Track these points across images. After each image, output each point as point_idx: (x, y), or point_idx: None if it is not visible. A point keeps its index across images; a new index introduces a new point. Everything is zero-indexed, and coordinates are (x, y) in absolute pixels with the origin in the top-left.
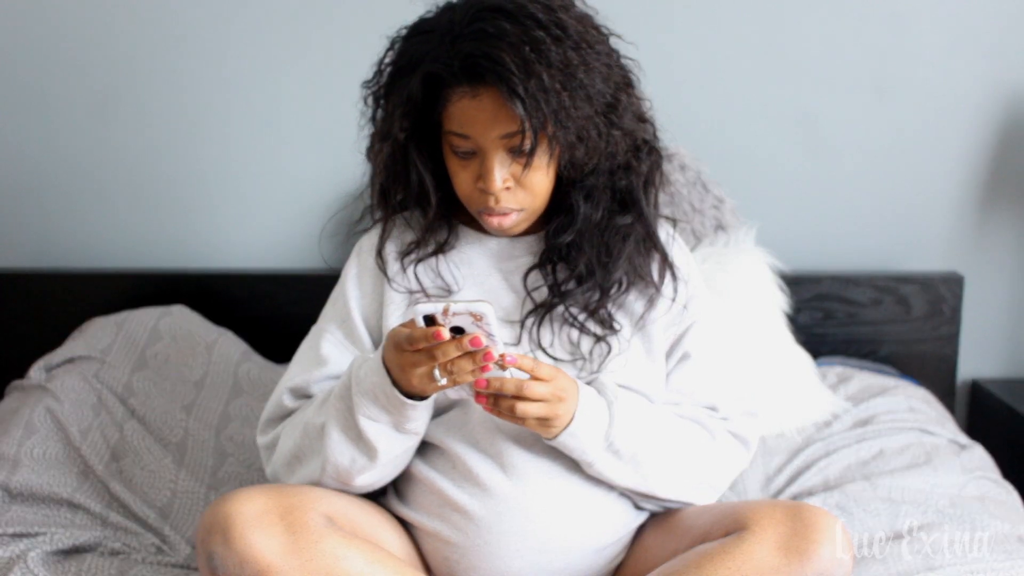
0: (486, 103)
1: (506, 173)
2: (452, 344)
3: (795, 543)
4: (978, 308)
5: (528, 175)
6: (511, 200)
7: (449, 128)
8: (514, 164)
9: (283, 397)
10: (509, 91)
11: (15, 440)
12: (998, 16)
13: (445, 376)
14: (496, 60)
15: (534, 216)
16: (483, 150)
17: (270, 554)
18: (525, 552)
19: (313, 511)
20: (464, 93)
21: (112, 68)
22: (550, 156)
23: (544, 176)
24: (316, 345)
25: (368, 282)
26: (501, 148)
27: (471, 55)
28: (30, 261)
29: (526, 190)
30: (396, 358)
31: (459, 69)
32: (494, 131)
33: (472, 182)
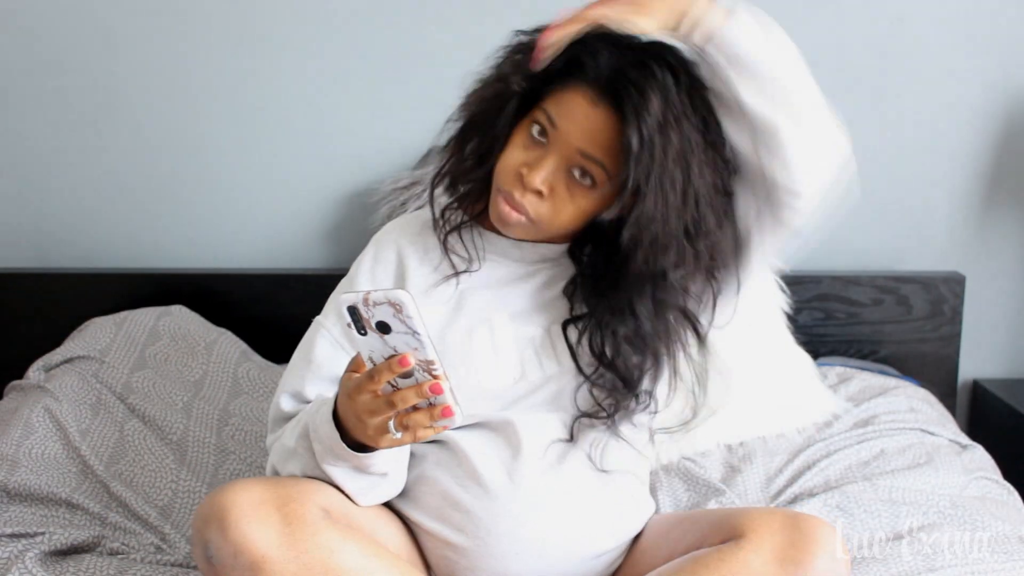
0: (596, 117)
1: (551, 180)
2: (412, 391)
3: (791, 553)
4: (979, 308)
5: (564, 198)
6: (534, 205)
7: (547, 108)
8: (562, 180)
9: (280, 401)
10: (636, 127)
11: (14, 440)
12: (998, 16)
13: (400, 430)
14: (644, 95)
15: (539, 234)
16: (554, 147)
17: (265, 544)
18: (524, 555)
19: (310, 503)
20: (586, 94)
21: (112, 68)
22: (599, 200)
23: (576, 210)
24: (311, 346)
25: (384, 275)
26: (567, 159)
27: (625, 75)
28: (30, 261)
29: (553, 208)
30: (350, 407)
31: (605, 76)
32: (581, 141)
33: (519, 163)
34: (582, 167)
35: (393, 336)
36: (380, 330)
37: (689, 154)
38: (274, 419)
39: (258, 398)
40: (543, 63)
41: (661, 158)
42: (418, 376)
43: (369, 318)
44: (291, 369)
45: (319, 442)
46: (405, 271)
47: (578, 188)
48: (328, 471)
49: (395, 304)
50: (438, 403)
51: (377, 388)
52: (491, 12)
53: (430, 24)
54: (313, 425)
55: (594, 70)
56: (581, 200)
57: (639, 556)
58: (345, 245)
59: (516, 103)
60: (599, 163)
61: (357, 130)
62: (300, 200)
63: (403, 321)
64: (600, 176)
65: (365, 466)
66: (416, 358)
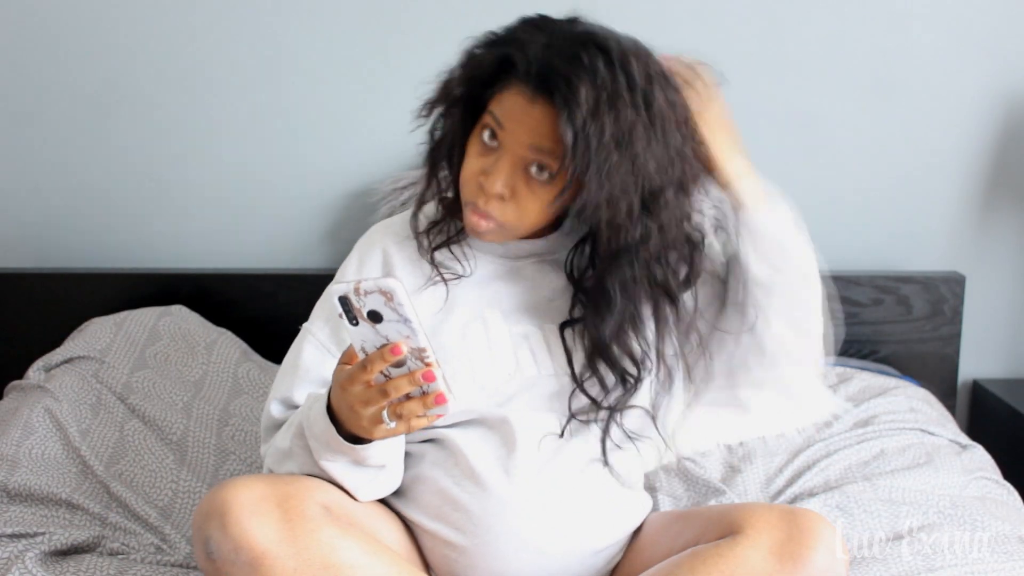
0: (536, 112)
1: (510, 182)
2: (404, 379)
3: (789, 548)
4: (979, 308)
5: (526, 196)
6: (498, 210)
7: (492, 110)
8: (521, 179)
9: (271, 409)
10: (568, 118)
11: (13, 440)
12: (998, 16)
13: (394, 419)
14: (571, 86)
15: (513, 235)
16: (505, 148)
17: (266, 540)
18: (523, 553)
19: (311, 500)
20: (523, 91)
21: (112, 68)
22: (559, 193)
23: (541, 206)
24: (298, 352)
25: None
26: (520, 158)
27: (553, 68)
28: (30, 261)
29: (519, 208)
30: (343, 398)
31: (535, 71)
32: (528, 138)
33: (478, 172)
34: (536, 162)
35: (385, 325)
36: (372, 319)
37: (632, 132)
38: (266, 427)
39: (258, 398)
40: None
41: (597, 145)
42: (410, 364)
43: (360, 307)
44: (280, 377)
45: (315, 438)
46: (391, 272)
47: (536, 183)
48: (326, 467)
49: (385, 292)
50: (431, 391)
51: (370, 378)
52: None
53: (431, 24)
54: (307, 422)
55: (525, 65)
56: (543, 193)
57: (638, 552)
58: (345, 245)
59: (461, 111)
60: (551, 153)
61: (357, 130)
62: (300, 200)
63: (394, 309)
64: (555, 167)
65: (362, 458)
66: (408, 346)
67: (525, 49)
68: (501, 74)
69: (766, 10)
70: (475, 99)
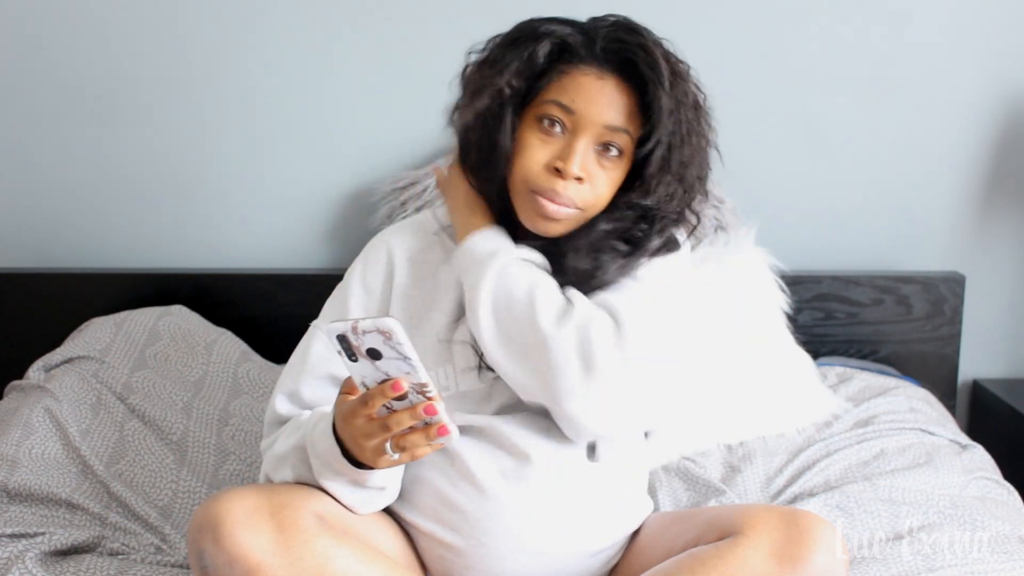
0: (608, 88)
1: (585, 163)
2: (406, 414)
3: (789, 550)
4: (979, 308)
5: (599, 176)
6: (577, 194)
7: (554, 98)
8: (594, 159)
9: (276, 403)
10: (659, 84)
11: (13, 440)
12: (998, 16)
13: (398, 451)
14: (650, 53)
15: (581, 223)
16: (578, 131)
17: (259, 552)
18: (520, 554)
19: (304, 510)
20: (590, 71)
21: (112, 68)
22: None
23: (611, 183)
24: (307, 346)
25: (375, 281)
26: (595, 137)
27: (621, 40)
28: (30, 261)
29: (594, 189)
30: (345, 430)
31: (600, 48)
32: (603, 117)
33: (546, 159)
34: (608, 141)
35: (385, 362)
36: (371, 356)
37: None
38: (269, 423)
39: (258, 398)
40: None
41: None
42: (412, 398)
43: (359, 345)
44: (286, 371)
45: (317, 457)
46: (393, 269)
47: (608, 162)
48: (325, 485)
49: (384, 332)
50: (434, 422)
51: (371, 412)
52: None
53: (431, 23)
54: (311, 440)
55: (587, 47)
56: (613, 172)
57: (637, 553)
58: (345, 245)
59: (513, 107)
60: (624, 131)
61: (357, 130)
62: (300, 200)
63: (393, 348)
64: (627, 144)
65: (363, 481)
66: (409, 382)
67: (573, 34)
68: (553, 63)
69: (766, 11)
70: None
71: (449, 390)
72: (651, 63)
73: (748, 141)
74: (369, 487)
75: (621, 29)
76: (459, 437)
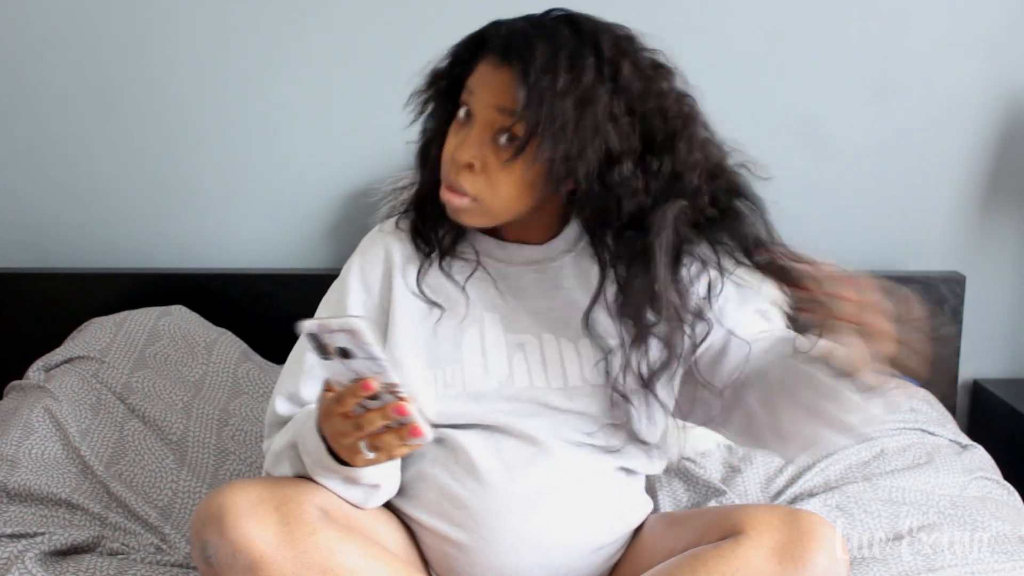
0: (502, 76)
1: (479, 153)
2: (377, 413)
3: (791, 550)
4: (979, 308)
5: (496, 168)
6: (468, 182)
7: (467, 85)
8: (490, 149)
9: (276, 404)
10: (522, 73)
11: (13, 440)
12: (998, 16)
13: (373, 450)
14: (530, 44)
15: (489, 216)
16: (475, 119)
17: (263, 544)
18: (522, 549)
19: (308, 503)
20: (492, 60)
21: (112, 68)
22: (528, 163)
23: (514, 179)
24: (304, 348)
25: (374, 278)
26: (489, 123)
27: (516, 33)
28: (30, 261)
29: (490, 180)
30: (326, 427)
31: (499, 41)
32: (493, 98)
33: (452, 149)
34: (501, 126)
35: (355, 361)
36: (342, 355)
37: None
38: (270, 424)
39: (258, 398)
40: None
41: (550, 100)
42: (384, 397)
43: (329, 344)
44: (285, 372)
45: (307, 455)
46: (392, 268)
47: (505, 153)
48: (321, 481)
49: (351, 332)
50: (406, 422)
51: (345, 410)
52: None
53: (431, 23)
54: (301, 438)
55: (495, 38)
56: (514, 167)
57: (639, 552)
58: (345, 245)
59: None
60: (514, 113)
61: (357, 130)
62: (300, 200)
63: (361, 347)
64: (520, 130)
65: (355, 478)
66: (380, 382)
67: (498, 25)
68: (477, 53)
69: (767, 11)
70: (457, 87)
71: (455, 388)
72: (524, 54)
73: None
74: (362, 484)
75: (532, 22)
76: (432, 438)
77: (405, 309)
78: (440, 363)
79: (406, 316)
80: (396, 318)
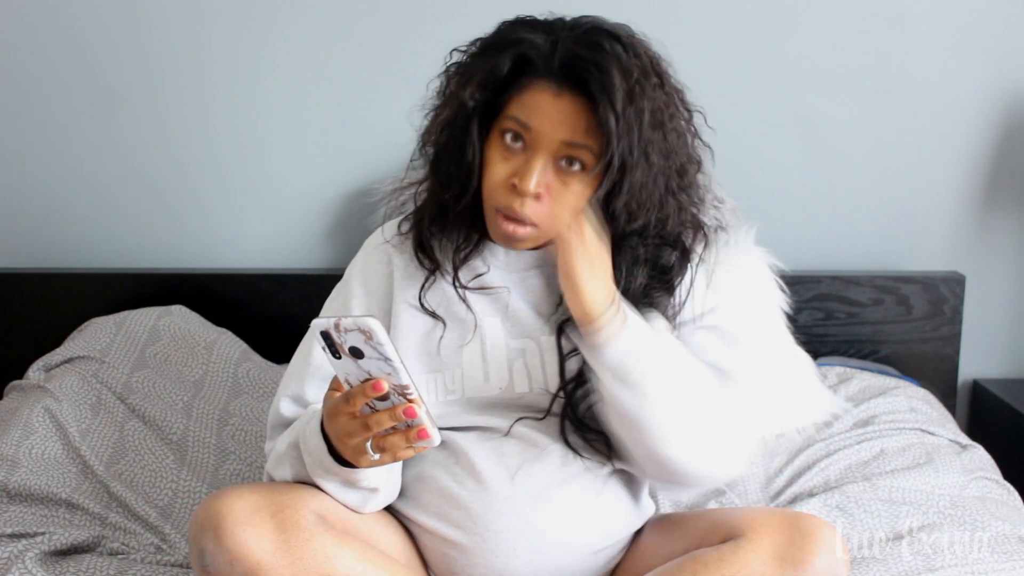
0: (565, 105)
1: (543, 180)
2: (386, 414)
3: (791, 553)
4: (979, 308)
5: (561, 193)
6: (535, 211)
7: (513, 114)
8: (553, 176)
9: (281, 406)
10: (609, 105)
11: (13, 440)
12: (998, 16)
13: (378, 452)
14: (604, 72)
15: (544, 238)
16: (535, 148)
17: (260, 551)
18: (522, 551)
19: (305, 509)
20: (547, 88)
21: (112, 68)
22: (592, 181)
23: (576, 198)
24: (309, 348)
25: (376, 281)
26: (552, 154)
27: (577, 57)
28: (30, 261)
29: (554, 207)
30: (331, 427)
31: (557, 64)
32: (559, 134)
33: (506, 176)
34: (568, 156)
35: (367, 361)
36: (353, 355)
37: (659, 113)
38: (273, 425)
39: (258, 398)
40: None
41: (638, 127)
42: (393, 399)
43: (342, 343)
44: (290, 373)
45: (309, 455)
46: (394, 272)
47: (569, 176)
48: (320, 484)
49: (365, 331)
50: (414, 425)
51: (354, 410)
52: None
53: (431, 23)
54: (303, 438)
55: (545, 62)
56: (576, 186)
57: (639, 554)
58: (345, 245)
59: (477, 119)
60: (585, 147)
61: (357, 130)
62: (300, 200)
63: (374, 348)
64: (588, 159)
65: (354, 481)
66: (390, 383)
67: (537, 46)
68: (516, 76)
69: (767, 10)
70: (488, 106)
71: (455, 394)
72: (604, 84)
73: (749, 141)
74: (360, 487)
75: (582, 43)
76: (439, 441)
77: (407, 314)
78: (441, 368)
79: (408, 321)
80: (398, 323)
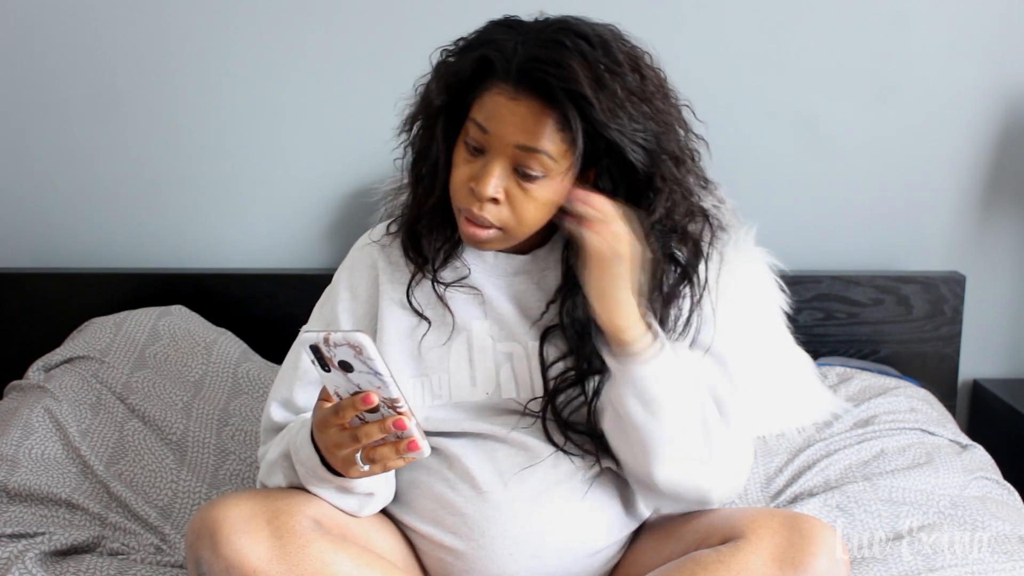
0: (520, 109)
1: (501, 184)
2: (375, 426)
3: (791, 554)
4: (979, 308)
5: (520, 196)
6: (494, 214)
7: (474, 116)
8: (512, 179)
9: (271, 411)
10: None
11: (13, 440)
12: (998, 17)
13: (368, 463)
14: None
15: (512, 240)
16: (492, 151)
17: (256, 559)
18: (519, 555)
19: (301, 515)
20: (504, 90)
21: (112, 68)
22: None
23: (539, 203)
24: (299, 353)
25: (362, 286)
26: (510, 158)
27: (536, 59)
28: (30, 261)
29: (514, 211)
30: (320, 438)
31: (515, 67)
32: (515, 137)
33: (467, 178)
34: (523, 162)
35: (356, 375)
36: (343, 368)
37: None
38: (265, 430)
39: (258, 398)
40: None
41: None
42: (383, 411)
43: (331, 357)
44: (280, 379)
45: (301, 464)
46: (379, 276)
47: (530, 182)
48: (314, 491)
49: (355, 346)
50: (404, 437)
51: (343, 422)
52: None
53: (431, 23)
54: (294, 447)
55: (503, 64)
56: (538, 192)
57: (637, 555)
58: (345, 245)
59: (444, 121)
60: (541, 151)
61: (357, 130)
62: (300, 200)
63: (364, 362)
64: (547, 163)
65: (350, 487)
66: (380, 396)
67: (501, 48)
68: (479, 78)
69: (767, 10)
70: (456, 107)
71: (441, 398)
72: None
73: (749, 141)
74: (356, 493)
75: (543, 44)
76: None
77: (393, 319)
78: (427, 372)
79: (394, 325)
80: (384, 326)
